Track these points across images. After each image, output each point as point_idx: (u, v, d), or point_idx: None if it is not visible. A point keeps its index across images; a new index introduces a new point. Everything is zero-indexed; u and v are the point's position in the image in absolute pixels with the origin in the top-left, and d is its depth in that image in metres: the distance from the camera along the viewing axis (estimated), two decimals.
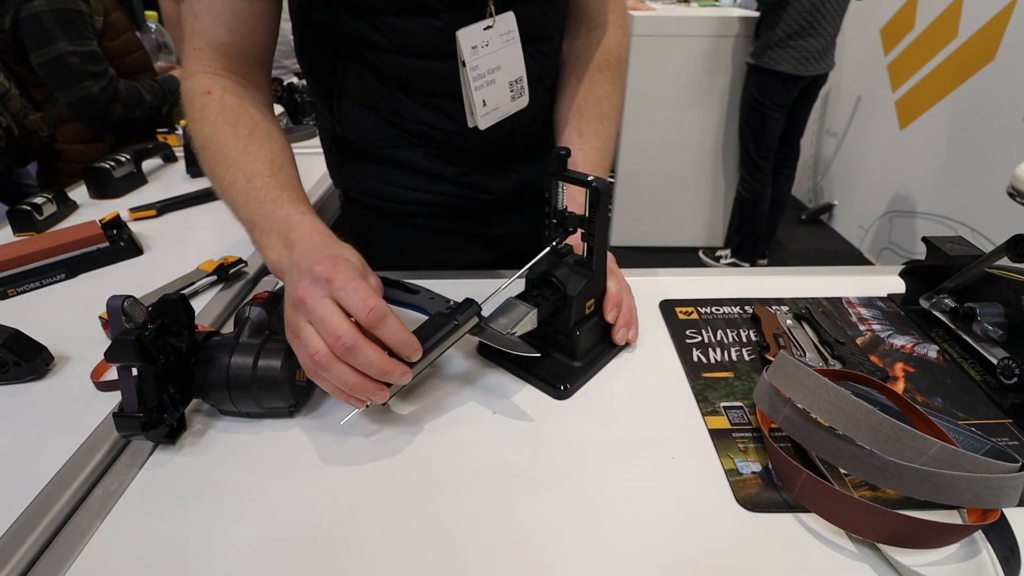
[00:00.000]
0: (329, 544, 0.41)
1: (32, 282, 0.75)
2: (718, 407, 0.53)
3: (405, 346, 0.45)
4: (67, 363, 0.60)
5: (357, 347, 0.42)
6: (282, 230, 0.52)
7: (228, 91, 0.59)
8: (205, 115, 0.58)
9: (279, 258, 0.51)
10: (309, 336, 0.44)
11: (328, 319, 0.43)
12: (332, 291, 0.44)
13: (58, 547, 0.41)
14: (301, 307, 0.44)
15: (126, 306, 0.44)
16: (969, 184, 2.22)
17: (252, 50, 0.62)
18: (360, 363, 0.43)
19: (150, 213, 0.97)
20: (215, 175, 0.57)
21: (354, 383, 0.43)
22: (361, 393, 0.44)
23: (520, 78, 0.67)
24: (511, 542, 0.41)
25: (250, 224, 0.54)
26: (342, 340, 0.42)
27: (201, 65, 0.60)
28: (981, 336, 0.57)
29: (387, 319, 0.44)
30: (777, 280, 0.73)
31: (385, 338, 0.44)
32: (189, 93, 0.60)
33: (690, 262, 2.85)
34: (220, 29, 0.59)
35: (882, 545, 0.39)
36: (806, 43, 2.21)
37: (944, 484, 0.38)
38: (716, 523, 0.42)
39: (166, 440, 0.48)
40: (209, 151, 0.57)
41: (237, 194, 0.55)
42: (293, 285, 0.46)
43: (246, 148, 0.56)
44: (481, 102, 0.64)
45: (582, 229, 0.54)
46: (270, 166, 0.56)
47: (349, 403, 0.46)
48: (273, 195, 0.54)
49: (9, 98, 1.31)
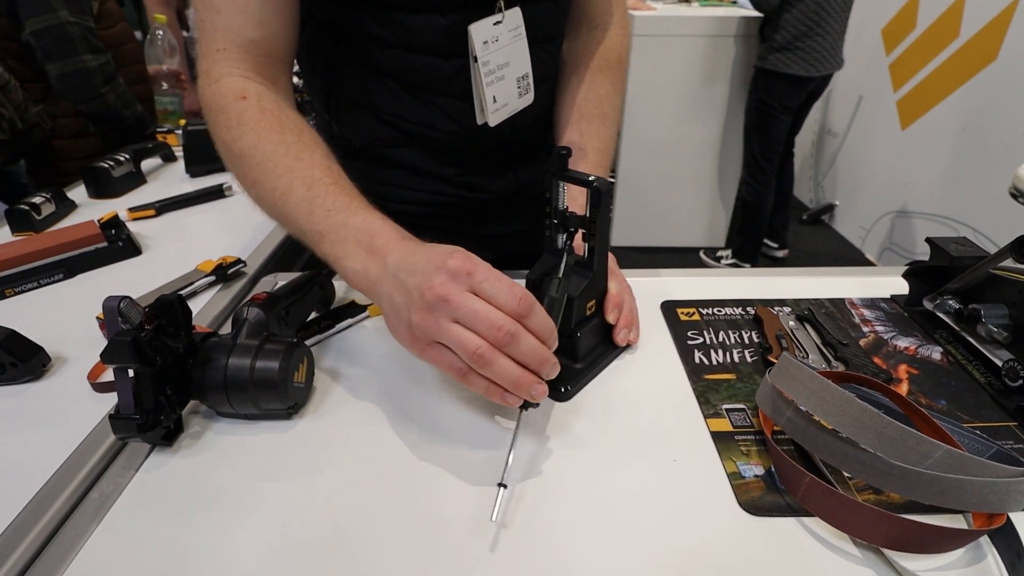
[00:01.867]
0: (328, 547, 0.40)
1: (30, 282, 0.74)
2: (720, 409, 0.52)
3: (551, 333, 0.43)
4: (64, 364, 0.60)
5: (520, 334, 0.40)
6: (362, 237, 0.48)
7: (264, 96, 0.56)
8: (244, 121, 0.54)
9: (364, 268, 0.47)
10: (462, 334, 0.40)
11: (483, 311, 0.40)
12: (473, 284, 0.41)
13: (54, 551, 0.41)
14: (442, 306, 0.41)
15: (122, 307, 0.44)
16: (971, 184, 2.21)
17: (280, 48, 0.59)
18: (523, 351, 0.41)
19: (149, 213, 0.97)
20: (262, 186, 0.53)
21: (518, 375, 0.41)
22: (525, 387, 0.42)
23: (527, 74, 0.67)
24: (512, 545, 0.40)
25: (317, 235, 0.50)
26: (505, 328, 0.40)
27: (228, 67, 0.56)
28: (985, 338, 0.57)
29: (536, 305, 0.42)
30: (779, 281, 0.73)
31: (534, 326, 0.42)
32: (218, 100, 0.55)
33: (691, 262, 2.85)
34: (247, 24, 0.55)
35: (886, 550, 0.39)
36: (814, 43, 2.19)
37: (950, 488, 0.38)
38: (718, 527, 0.42)
39: (163, 442, 0.48)
40: (253, 160, 0.53)
41: (296, 204, 0.51)
42: (418, 287, 0.42)
43: (298, 155, 0.53)
44: (492, 98, 0.64)
45: (583, 229, 0.53)
46: (329, 172, 0.52)
47: (506, 402, 0.43)
48: (343, 202, 0.50)
49: (10, 90, 1.29)
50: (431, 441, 0.49)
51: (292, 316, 0.57)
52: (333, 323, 0.63)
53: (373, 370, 0.57)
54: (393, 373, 0.57)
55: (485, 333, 0.40)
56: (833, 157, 3.15)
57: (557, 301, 0.49)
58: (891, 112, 2.64)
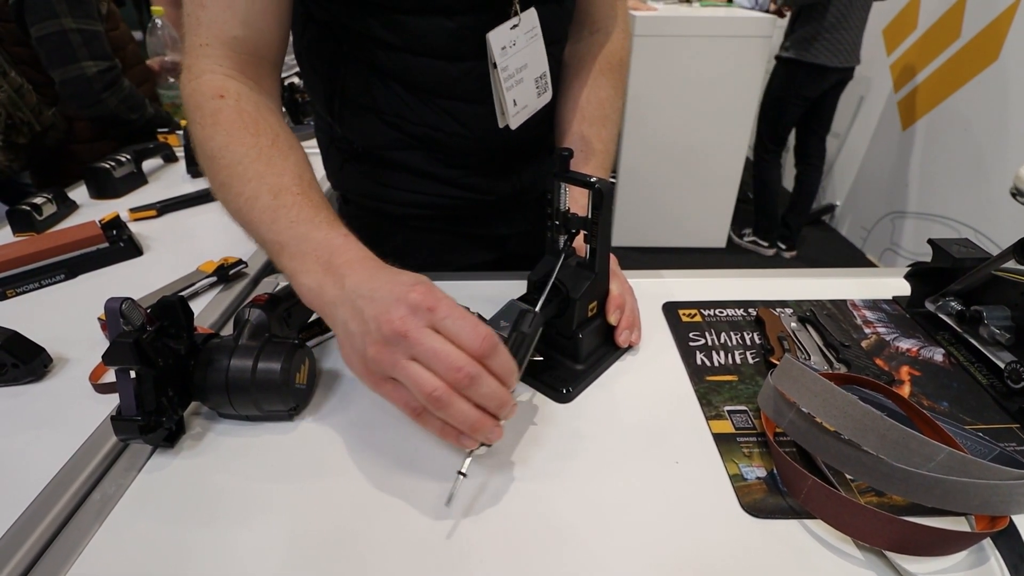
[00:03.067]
0: (329, 548, 0.40)
1: (31, 283, 0.74)
2: (722, 411, 0.52)
3: (512, 372, 0.41)
4: (66, 365, 0.60)
5: (481, 377, 0.39)
6: (321, 253, 0.46)
7: (243, 96, 0.54)
8: (218, 120, 0.52)
9: (319, 286, 0.45)
10: (418, 374, 0.38)
11: (443, 351, 0.38)
12: (435, 320, 0.39)
13: (56, 551, 0.41)
14: (400, 342, 0.39)
15: (124, 308, 0.44)
16: (972, 185, 2.21)
17: (266, 48, 0.57)
18: (482, 393, 0.39)
19: (150, 213, 0.97)
20: (229, 189, 0.50)
21: (475, 419, 0.39)
22: (481, 431, 0.40)
23: (544, 74, 0.67)
24: (513, 546, 0.40)
25: (277, 246, 0.48)
26: (465, 370, 0.38)
27: (210, 63, 0.54)
28: (988, 339, 0.57)
29: (499, 346, 0.40)
30: (781, 282, 0.73)
31: (496, 368, 0.40)
32: (197, 96, 0.53)
33: (693, 263, 2.85)
34: (232, 20, 0.54)
35: (889, 552, 0.39)
36: (839, 36, 2.35)
37: (952, 491, 0.38)
38: (720, 529, 0.42)
39: (165, 443, 0.48)
40: (223, 161, 0.51)
41: (260, 211, 0.48)
42: (376, 319, 0.40)
43: (270, 161, 0.50)
44: (512, 102, 0.64)
45: (584, 231, 0.53)
46: (299, 182, 0.50)
47: (461, 444, 0.41)
48: (307, 214, 0.48)
49: (24, 93, 1.29)
50: (433, 442, 0.49)
51: (293, 317, 0.57)
52: None
53: None
54: None
55: (444, 374, 0.38)
56: (834, 157, 3.15)
57: (528, 337, 0.47)
58: (892, 112, 2.64)
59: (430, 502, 0.44)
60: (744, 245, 2.97)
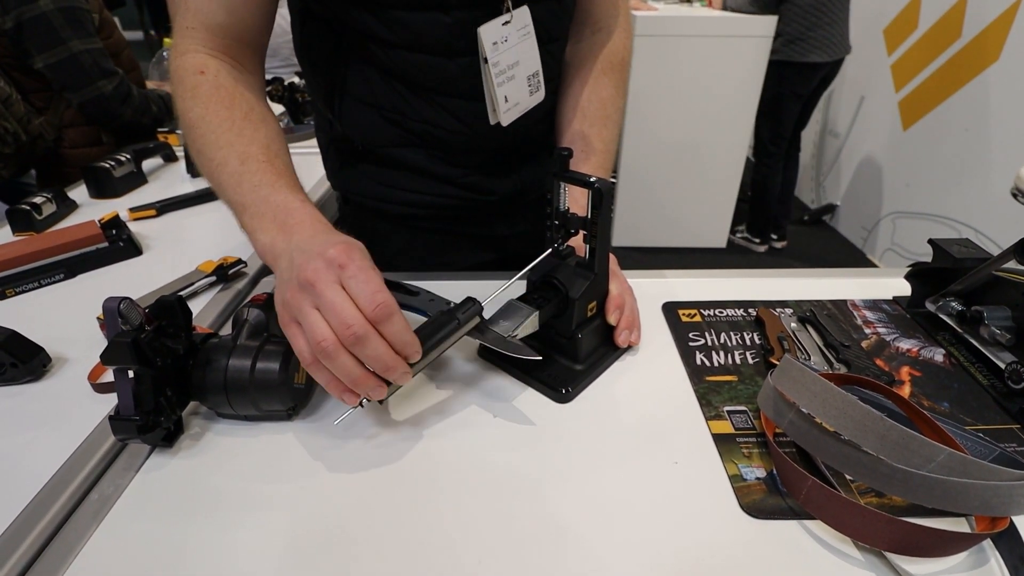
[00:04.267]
0: (328, 549, 0.40)
1: (30, 282, 0.74)
2: (722, 411, 0.52)
3: (407, 346, 0.44)
4: (65, 364, 0.60)
5: (368, 337, 0.41)
6: (278, 214, 0.50)
7: (222, 72, 0.57)
8: (197, 94, 0.56)
9: (272, 242, 0.49)
10: (315, 322, 0.42)
11: (339, 305, 0.41)
12: (343, 277, 0.42)
13: (53, 551, 0.41)
14: (308, 289, 0.42)
15: (122, 308, 0.44)
16: (973, 185, 2.21)
17: (248, 33, 0.60)
18: (367, 355, 0.42)
19: (150, 213, 0.97)
20: (203, 155, 0.55)
21: (357, 376, 0.42)
22: (362, 387, 0.43)
23: (536, 72, 0.67)
24: (512, 547, 0.40)
25: (240, 206, 0.52)
26: (353, 329, 0.41)
27: (194, 44, 0.58)
28: (988, 340, 0.56)
29: (394, 316, 0.42)
30: (781, 282, 0.72)
31: (389, 336, 0.42)
32: (180, 72, 0.57)
33: (693, 263, 2.85)
34: (216, 8, 0.57)
35: (889, 553, 0.39)
36: (824, 32, 2.38)
37: (953, 492, 0.37)
38: (720, 530, 0.41)
39: (163, 443, 0.48)
40: (199, 130, 0.55)
41: (228, 175, 0.53)
42: (299, 267, 0.44)
43: (240, 130, 0.55)
44: (503, 98, 0.64)
45: (584, 231, 0.53)
46: (266, 151, 0.54)
47: (343, 399, 0.44)
48: (270, 179, 0.52)
49: (12, 103, 1.30)
50: (431, 441, 0.49)
51: None
52: None
53: None
54: None
55: (335, 328, 0.41)
56: (835, 157, 3.14)
57: (455, 323, 0.48)
58: (893, 112, 2.64)
59: (429, 502, 0.43)
60: (736, 241, 3.03)
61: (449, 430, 0.50)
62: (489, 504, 0.43)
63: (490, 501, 0.44)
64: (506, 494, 0.44)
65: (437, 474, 0.46)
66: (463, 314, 0.49)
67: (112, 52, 1.43)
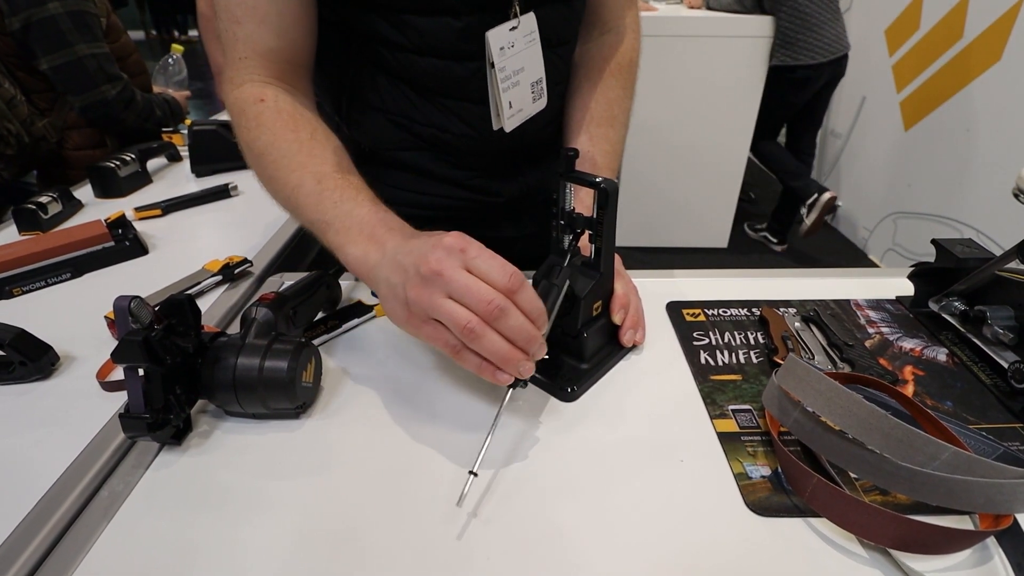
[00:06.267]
0: (336, 546, 0.40)
1: (37, 281, 0.75)
2: (726, 410, 0.52)
3: (541, 315, 0.44)
4: (72, 363, 0.60)
5: (509, 309, 0.41)
6: (364, 227, 0.51)
7: (281, 98, 0.59)
8: (262, 122, 0.57)
9: (364, 254, 0.49)
10: (453, 309, 0.41)
11: (474, 285, 0.41)
12: (466, 260, 0.42)
13: (64, 549, 0.41)
14: (435, 280, 0.42)
15: (133, 307, 0.44)
16: (974, 186, 2.21)
17: (298, 55, 0.61)
18: (511, 326, 0.42)
19: (155, 212, 0.97)
20: (277, 181, 0.56)
21: (506, 351, 0.42)
22: (512, 363, 0.43)
23: (540, 79, 0.67)
24: (519, 544, 0.40)
25: (323, 224, 0.52)
26: (495, 303, 0.41)
27: (248, 74, 0.59)
28: (991, 339, 0.57)
29: (526, 284, 0.43)
30: (784, 282, 0.73)
31: (523, 304, 0.43)
32: (240, 103, 0.58)
33: (695, 262, 2.85)
34: (267, 34, 0.58)
35: (893, 551, 0.39)
36: (818, 32, 2.37)
37: (957, 489, 0.38)
38: (725, 527, 0.42)
39: (172, 441, 0.48)
40: (270, 157, 0.56)
41: (306, 196, 0.54)
42: (416, 264, 0.43)
43: (311, 151, 0.56)
44: (508, 104, 0.64)
45: (590, 231, 0.54)
46: (338, 168, 0.55)
47: (498, 380, 0.44)
48: (350, 194, 0.53)
49: (16, 104, 1.30)
50: (439, 440, 0.49)
51: (299, 316, 0.57)
52: (340, 323, 0.63)
53: (380, 369, 0.58)
54: (400, 372, 0.57)
55: (475, 307, 0.41)
56: (836, 158, 3.14)
57: (556, 288, 0.50)
58: (894, 113, 2.64)
59: (437, 501, 0.44)
60: (755, 238, 3.05)
61: (455, 429, 0.50)
62: (496, 502, 0.44)
63: (497, 499, 0.44)
64: (512, 493, 0.44)
65: (442, 472, 0.46)
66: (557, 278, 0.50)
67: (119, 56, 1.43)
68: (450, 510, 0.43)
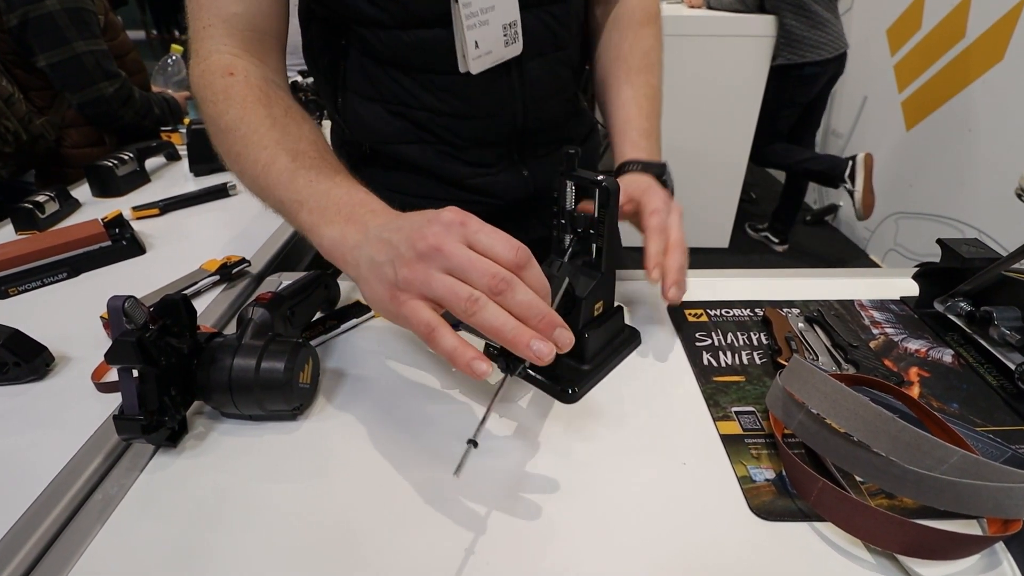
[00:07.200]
0: (333, 548, 0.40)
1: (33, 281, 0.74)
2: (729, 412, 0.52)
3: (547, 294, 0.40)
4: (68, 364, 0.59)
5: (516, 283, 0.38)
6: (343, 206, 0.47)
7: (252, 71, 0.56)
8: (230, 95, 0.54)
9: (341, 235, 0.45)
10: (453, 284, 0.38)
11: (476, 259, 0.38)
12: (467, 235, 0.39)
13: (57, 552, 0.40)
14: (433, 256, 0.38)
15: (127, 307, 0.44)
16: (976, 186, 2.20)
17: (265, 21, 0.58)
18: (519, 301, 0.38)
19: (153, 212, 0.97)
20: (245, 158, 0.52)
21: (514, 326, 0.37)
22: (523, 341, 0.37)
23: (515, 23, 0.63)
24: (520, 547, 0.40)
25: (296, 203, 0.49)
26: (500, 275, 0.37)
27: (215, 44, 0.56)
28: (998, 340, 0.56)
29: (533, 260, 0.39)
30: (788, 282, 0.72)
31: (530, 280, 0.39)
32: (206, 76, 0.55)
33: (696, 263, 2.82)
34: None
35: (900, 556, 0.38)
36: (820, 31, 2.37)
37: (966, 494, 0.37)
38: (729, 531, 0.41)
39: (167, 443, 0.48)
40: (238, 132, 0.52)
41: (278, 173, 0.50)
42: (408, 240, 0.40)
43: (285, 128, 0.52)
44: (473, 43, 0.60)
45: (592, 230, 0.53)
46: (315, 147, 0.52)
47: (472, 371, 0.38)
48: (327, 174, 0.49)
49: (14, 102, 1.30)
50: (437, 441, 0.49)
51: (297, 316, 0.57)
52: (338, 323, 0.62)
53: (378, 370, 0.57)
54: (399, 373, 0.57)
55: (478, 281, 0.37)
56: None
57: (556, 279, 0.48)
58: (896, 113, 2.63)
59: (434, 501, 0.43)
60: (756, 237, 3.04)
61: (455, 431, 0.50)
62: (496, 504, 0.43)
63: (497, 501, 0.43)
64: (513, 494, 0.44)
65: (441, 474, 0.46)
66: (557, 271, 0.49)
67: (117, 54, 1.43)
68: (451, 511, 0.42)
